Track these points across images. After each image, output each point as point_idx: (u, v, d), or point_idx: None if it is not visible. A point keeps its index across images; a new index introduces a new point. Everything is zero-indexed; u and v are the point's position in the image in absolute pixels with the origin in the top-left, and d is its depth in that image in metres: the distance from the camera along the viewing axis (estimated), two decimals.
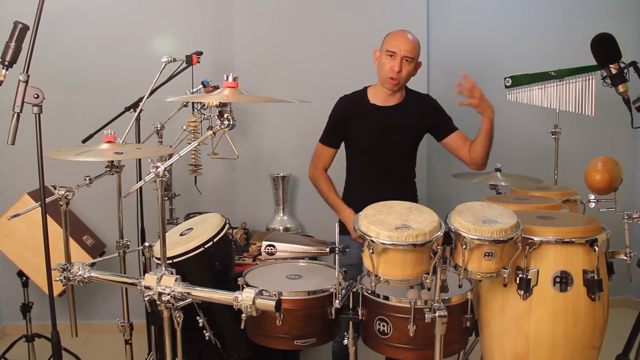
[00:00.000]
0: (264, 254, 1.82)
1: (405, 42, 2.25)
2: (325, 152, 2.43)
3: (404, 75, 2.27)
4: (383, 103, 2.36)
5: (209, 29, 3.42)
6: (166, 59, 2.48)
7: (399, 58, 2.24)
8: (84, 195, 2.20)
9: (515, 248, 1.57)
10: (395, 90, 2.33)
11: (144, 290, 1.55)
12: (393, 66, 2.25)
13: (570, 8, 3.55)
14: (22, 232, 2.72)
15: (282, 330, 1.76)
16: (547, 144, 3.01)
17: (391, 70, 2.25)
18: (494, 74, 3.01)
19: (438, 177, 3.57)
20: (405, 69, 2.26)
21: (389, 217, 1.58)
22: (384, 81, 2.30)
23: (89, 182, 1.93)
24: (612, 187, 2.00)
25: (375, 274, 1.55)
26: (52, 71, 3.21)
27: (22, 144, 1.70)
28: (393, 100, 2.36)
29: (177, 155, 1.61)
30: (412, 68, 2.29)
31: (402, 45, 2.24)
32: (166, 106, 2.99)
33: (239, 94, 1.68)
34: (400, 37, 2.27)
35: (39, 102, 1.57)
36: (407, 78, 2.31)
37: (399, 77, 2.26)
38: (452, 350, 1.74)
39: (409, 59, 2.26)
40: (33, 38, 1.58)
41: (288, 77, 3.42)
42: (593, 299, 1.61)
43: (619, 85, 2.34)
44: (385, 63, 2.27)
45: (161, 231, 1.61)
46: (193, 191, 3.09)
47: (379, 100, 2.36)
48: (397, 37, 2.28)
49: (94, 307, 3.50)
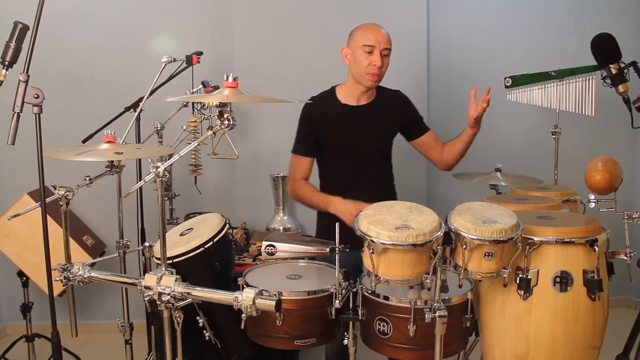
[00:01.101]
0: (264, 254, 1.82)
1: (382, 35, 2.15)
2: (301, 162, 2.28)
3: (384, 70, 2.17)
4: (356, 102, 2.25)
5: (209, 29, 3.43)
6: (166, 59, 2.48)
7: (378, 52, 2.12)
8: (84, 195, 2.20)
9: (515, 248, 1.57)
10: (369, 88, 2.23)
11: (144, 290, 1.55)
12: (373, 61, 2.13)
13: (570, 8, 3.55)
14: (22, 232, 2.72)
15: (282, 330, 1.76)
16: (547, 144, 3.01)
17: (372, 66, 2.13)
18: (494, 74, 3.01)
19: (438, 177, 3.57)
20: (384, 63, 2.16)
21: (389, 217, 1.58)
22: (362, 78, 2.17)
23: (89, 182, 1.93)
24: (612, 187, 1.99)
25: (375, 274, 1.55)
26: (52, 71, 3.22)
27: (22, 144, 1.70)
28: (365, 99, 2.26)
29: (177, 155, 1.61)
30: (388, 62, 2.18)
31: (380, 38, 2.13)
32: (166, 106, 2.99)
33: (239, 94, 1.68)
34: (375, 29, 2.16)
35: (39, 102, 1.57)
36: (385, 73, 2.20)
37: (380, 72, 2.16)
38: (452, 350, 1.73)
39: (387, 52, 2.16)
40: (33, 38, 1.58)
41: (288, 77, 3.42)
42: (593, 299, 1.61)
43: (619, 85, 2.35)
44: (362, 59, 2.14)
45: (161, 231, 1.61)
46: (193, 191, 3.09)
47: (351, 99, 2.25)
48: (373, 29, 2.16)
49: (94, 307, 3.50)
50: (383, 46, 2.14)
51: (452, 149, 2.27)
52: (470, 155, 3.60)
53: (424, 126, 2.36)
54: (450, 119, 3.56)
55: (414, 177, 3.47)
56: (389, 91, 2.34)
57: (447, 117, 3.53)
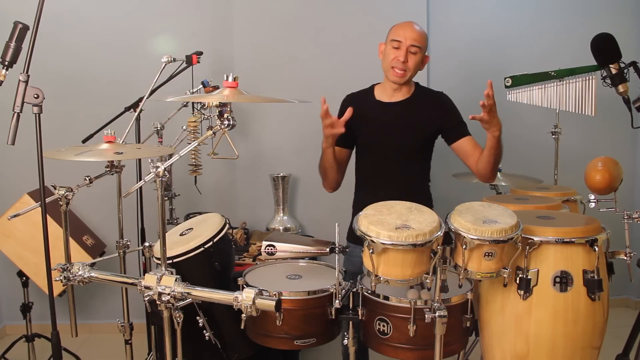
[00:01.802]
0: (264, 254, 1.82)
1: (411, 31, 2.13)
2: (338, 153, 2.25)
3: (411, 66, 2.14)
4: (388, 99, 2.24)
5: (209, 29, 3.42)
6: (166, 59, 2.48)
7: (404, 48, 2.12)
8: (84, 195, 2.20)
9: (515, 248, 1.57)
10: (402, 84, 2.20)
11: (144, 290, 1.55)
12: (398, 56, 2.13)
13: (570, 8, 3.55)
14: (22, 232, 2.72)
15: (282, 330, 1.76)
16: (547, 144, 3.01)
17: (395, 60, 2.13)
18: (494, 73, 3.00)
19: (438, 177, 3.53)
20: (411, 60, 2.14)
21: (389, 217, 1.58)
22: (388, 72, 2.18)
23: (89, 182, 1.94)
24: (612, 187, 2.00)
25: (375, 274, 1.55)
26: (52, 71, 3.21)
27: (22, 144, 1.70)
28: (399, 96, 2.24)
29: (177, 155, 1.61)
30: (419, 60, 2.16)
31: (408, 34, 2.12)
32: (166, 106, 2.99)
33: (239, 94, 1.68)
34: (406, 26, 2.16)
35: (39, 102, 1.57)
36: (414, 70, 2.17)
37: (404, 68, 2.14)
38: (452, 350, 1.73)
39: (415, 49, 2.13)
40: (33, 38, 1.58)
41: (288, 77, 3.42)
42: (593, 299, 1.61)
43: (619, 85, 2.35)
44: (389, 53, 2.16)
45: (161, 231, 1.61)
46: (193, 191, 3.09)
47: (385, 96, 2.25)
48: (403, 26, 2.16)
49: (94, 307, 3.50)
50: (410, 42, 2.12)
51: (482, 157, 2.13)
52: None
53: (462, 130, 2.23)
54: None
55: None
56: (431, 92, 2.32)
57: None
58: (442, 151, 2.42)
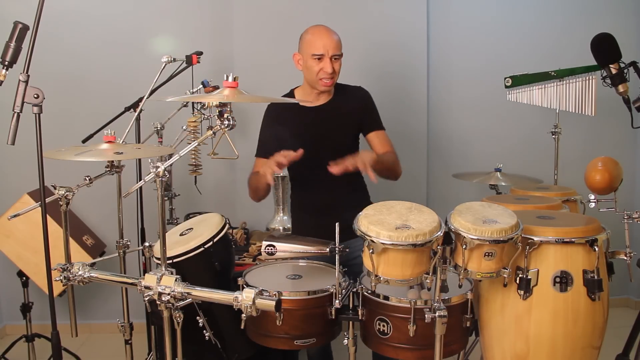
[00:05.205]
0: (264, 254, 1.82)
1: (330, 40, 2.15)
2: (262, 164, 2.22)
3: (337, 71, 2.18)
4: (313, 103, 2.26)
5: (209, 29, 3.42)
6: (166, 59, 2.49)
7: (327, 59, 2.14)
8: (84, 195, 2.20)
9: (515, 248, 1.57)
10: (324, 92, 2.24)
11: (144, 290, 1.55)
12: (324, 68, 2.14)
13: (570, 8, 3.55)
14: (22, 232, 2.72)
15: (282, 330, 1.76)
16: (547, 144, 3.01)
17: (323, 72, 2.15)
18: (494, 74, 3.00)
19: (438, 177, 3.56)
20: (336, 66, 2.17)
21: (389, 217, 1.58)
22: (315, 84, 2.20)
23: (89, 182, 1.94)
24: (612, 187, 2.00)
25: (375, 274, 1.55)
26: (52, 71, 3.21)
27: (22, 144, 1.70)
28: (322, 99, 2.27)
29: (177, 155, 1.61)
30: (340, 62, 2.19)
31: (328, 45, 2.14)
32: (166, 106, 2.99)
33: (239, 94, 1.68)
34: (323, 35, 2.16)
35: (39, 102, 1.57)
36: (339, 73, 2.20)
37: (332, 77, 2.17)
38: (452, 350, 1.73)
39: (337, 57, 2.16)
40: (33, 38, 1.58)
41: (288, 77, 3.41)
42: (593, 299, 1.61)
43: (619, 85, 2.34)
44: (312, 66, 2.16)
45: (161, 231, 1.61)
46: (193, 191, 3.09)
47: (308, 101, 2.26)
48: (320, 36, 2.16)
49: (94, 307, 3.50)
50: (332, 52, 2.14)
51: None
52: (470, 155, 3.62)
53: (375, 125, 2.30)
54: (450, 119, 3.57)
55: (414, 177, 3.47)
56: (350, 89, 2.34)
57: (447, 116, 3.54)
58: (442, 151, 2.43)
